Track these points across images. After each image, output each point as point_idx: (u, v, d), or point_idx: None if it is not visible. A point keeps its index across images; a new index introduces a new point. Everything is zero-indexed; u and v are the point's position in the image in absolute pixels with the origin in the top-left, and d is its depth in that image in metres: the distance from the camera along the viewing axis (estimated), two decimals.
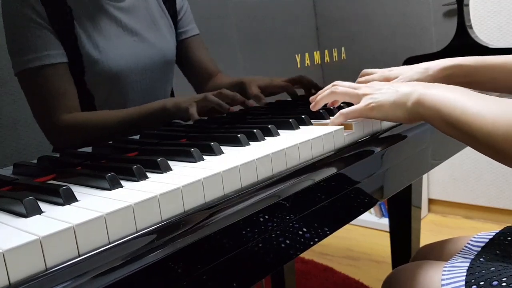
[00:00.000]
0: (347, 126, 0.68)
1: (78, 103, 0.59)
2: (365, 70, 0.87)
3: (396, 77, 0.81)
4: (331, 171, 0.59)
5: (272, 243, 0.51)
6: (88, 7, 0.61)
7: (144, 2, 0.68)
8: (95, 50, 0.59)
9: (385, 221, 2.15)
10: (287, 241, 0.53)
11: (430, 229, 2.15)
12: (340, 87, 0.71)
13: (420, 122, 0.67)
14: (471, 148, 0.60)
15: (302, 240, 0.55)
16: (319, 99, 0.73)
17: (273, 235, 0.51)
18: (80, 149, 0.61)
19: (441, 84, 0.64)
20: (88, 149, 0.62)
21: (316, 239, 0.57)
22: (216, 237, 0.44)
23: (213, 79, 0.75)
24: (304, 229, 0.55)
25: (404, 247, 1.39)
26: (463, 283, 0.58)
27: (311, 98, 0.75)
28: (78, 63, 0.59)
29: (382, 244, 2.04)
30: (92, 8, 0.61)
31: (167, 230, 0.42)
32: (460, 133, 0.58)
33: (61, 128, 0.58)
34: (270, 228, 0.50)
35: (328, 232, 0.59)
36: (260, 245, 0.49)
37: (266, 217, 0.50)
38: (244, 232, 0.47)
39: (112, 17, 0.62)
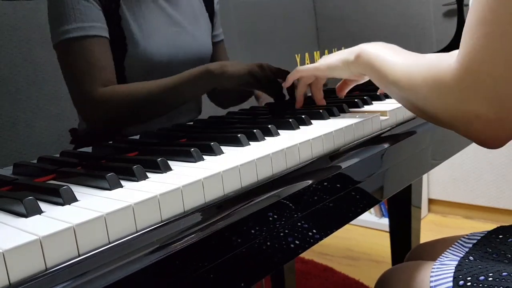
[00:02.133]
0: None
1: (115, 78, 0.59)
2: None
3: None
4: (331, 171, 0.59)
5: (272, 243, 0.51)
6: None
7: None
8: (137, 33, 0.59)
9: (385, 221, 2.15)
10: (287, 241, 0.53)
11: (430, 229, 2.15)
12: (303, 66, 0.79)
13: (362, 77, 0.75)
14: (471, 148, 0.62)
15: (301, 240, 0.55)
16: (288, 77, 0.80)
17: (273, 235, 0.51)
18: (80, 149, 0.61)
19: (381, 42, 0.71)
20: (88, 149, 0.62)
21: (316, 239, 0.57)
22: (216, 237, 0.44)
23: None
24: (304, 229, 0.55)
25: (404, 247, 1.39)
26: (451, 279, 0.58)
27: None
28: (118, 44, 0.59)
29: (382, 244, 2.04)
30: None
31: (166, 230, 0.42)
32: (384, 83, 0.64)
33: (97, 100, 0.58)
34: (270, 228, 0.50)
35: (328, 232, 0.59)
36: (260, 245, 0.49)
37: (266, 217, 0.50)
38: (244, 232, 0.47)
39: (158, 4, 0.62)
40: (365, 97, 0.86)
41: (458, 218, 2.27)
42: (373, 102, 0.87)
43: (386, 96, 0.89)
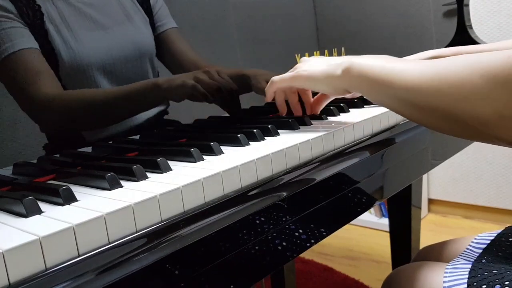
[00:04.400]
0: None
1: (58, 82, 0.59)
2: None
3: None
4: (331, 171, 0.59)
5: (272, 243, 0.51)
6: (57, 3, 0.61)
7: None
8: (62, 45, 0.60)
9: (385, 221, 2.15)
10: (287, 242, 0.53)
11: (430, 229, 2.15)
12: (278, 76, 0.71)
13: (349, 93, 0.66)
14: (471, 148, 0.61)
15: (301, 240, 0.55)
16: (266, 91, 0.73)
17: (273, 235, 0.51)
18: (80, 149, 0.61)
19: (371, 55, 0.64)
20: (88, 149, 0.62)
21: (316, 240, 0.57)
22: (216, 237, 0.44)
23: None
24: (304, 230, 0.55)
25: (404, 247, 1.39)
26: (465, 285, 0.58)
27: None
28: (52, 58, 0.59)
29: (382, 244, 2.04)
30: (61, 4, 0.62)
31: (167, 230, 0.42)
32: (385, 96, 0.57)
33: (47, 106, 0.58)
34: (270, 228, 0.50)
35: (328, 232, 0.59)
36: (260, 245, 0.49)
37: (266, 217, 0.50)
38: (244, 232, 0.47)
39: (81, 12, 0.63)
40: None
41: (458, 218, 2.27)
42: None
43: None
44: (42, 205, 0.43)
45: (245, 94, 0.81)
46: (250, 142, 0.61)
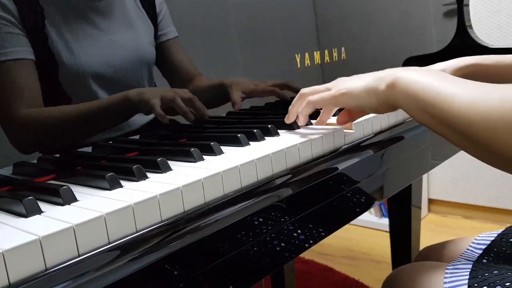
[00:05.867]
0: (347, 127, 0.66)
1: (41, 100, 0.59)
2: None
3: None
4: (331, 171, 0.59)
5: (272, 244, 0.51)
6: (61, 7, 0.61)
7: (120, 2, 0.68)
8: (64, 50, 0.60)
9: (385, 221, 2.15)
10: (287, 242, 0.53)
11: (430, 229, 2.15)
12: (315, 95, 0.64)
13: (395, 110, 0.59)
14: None
15: (301, 240, 0.55)
16: (298, 112, 0.67)
17: (273, 236, 0.51)
18: (80, 149, 0.61)
19: (421, 68, 0.57)
20: (88, 149, 0.62)
21: (315, 240, 0.57)
22: (216, 237, 0.44)
23: (193, 81, 0.74)
24: (304, 230, 0.55)
25: (404, 247, 1.39)
26: (466, 286, 0.58)
27: (287, 119, 0.68)
28: (51, 63, 0.59)
29: (382, 244, 2.04)
30: (65, 8, 0.61)
31: (167, 230, 0.42)
32: (434, 120, 0.51)
33: (20, 123, 0.57)
34: (270, 228, 0.50)
35: (327, 233, 0.59)
36: (260, 245, 0.49)
37: (266, 217, 0.50)
38: (244, 232, 0.47)
39: (85, 17, 0.63)
40: None
41: (458, 218, 2.26)
42: None
43: None
44: (42, 205, 0.43)
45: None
46: (250, 142, 0.61)
